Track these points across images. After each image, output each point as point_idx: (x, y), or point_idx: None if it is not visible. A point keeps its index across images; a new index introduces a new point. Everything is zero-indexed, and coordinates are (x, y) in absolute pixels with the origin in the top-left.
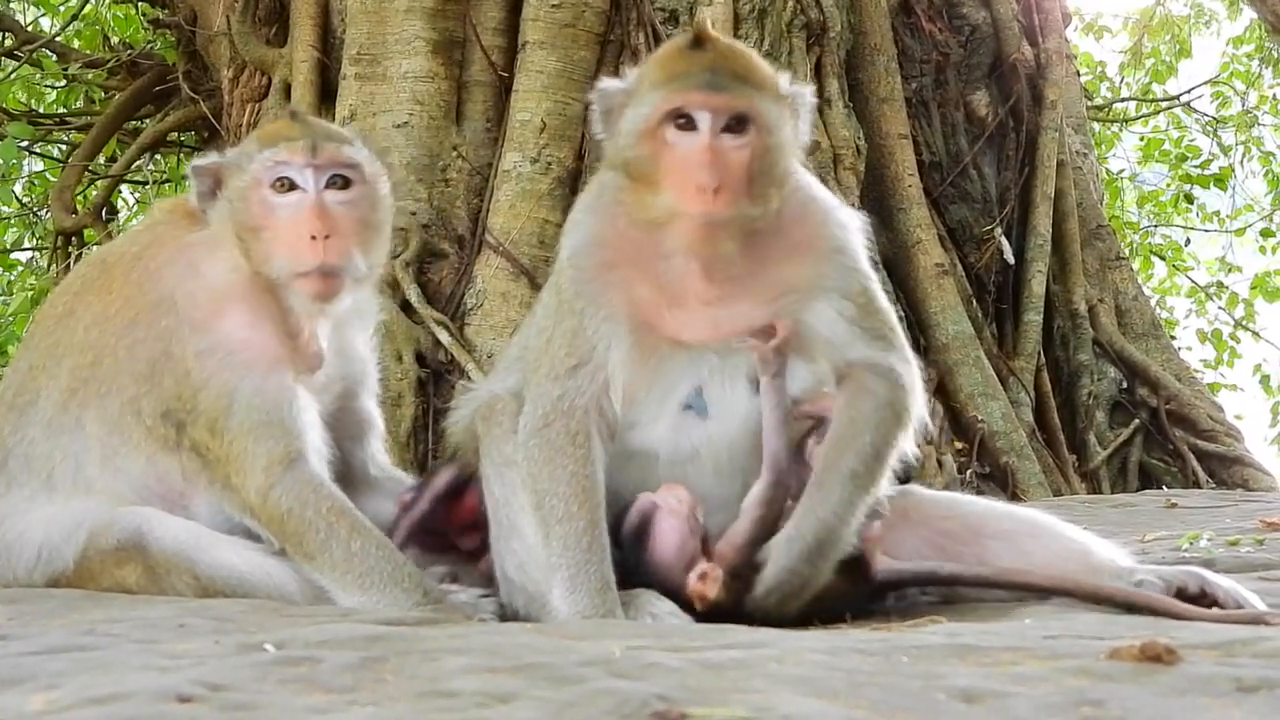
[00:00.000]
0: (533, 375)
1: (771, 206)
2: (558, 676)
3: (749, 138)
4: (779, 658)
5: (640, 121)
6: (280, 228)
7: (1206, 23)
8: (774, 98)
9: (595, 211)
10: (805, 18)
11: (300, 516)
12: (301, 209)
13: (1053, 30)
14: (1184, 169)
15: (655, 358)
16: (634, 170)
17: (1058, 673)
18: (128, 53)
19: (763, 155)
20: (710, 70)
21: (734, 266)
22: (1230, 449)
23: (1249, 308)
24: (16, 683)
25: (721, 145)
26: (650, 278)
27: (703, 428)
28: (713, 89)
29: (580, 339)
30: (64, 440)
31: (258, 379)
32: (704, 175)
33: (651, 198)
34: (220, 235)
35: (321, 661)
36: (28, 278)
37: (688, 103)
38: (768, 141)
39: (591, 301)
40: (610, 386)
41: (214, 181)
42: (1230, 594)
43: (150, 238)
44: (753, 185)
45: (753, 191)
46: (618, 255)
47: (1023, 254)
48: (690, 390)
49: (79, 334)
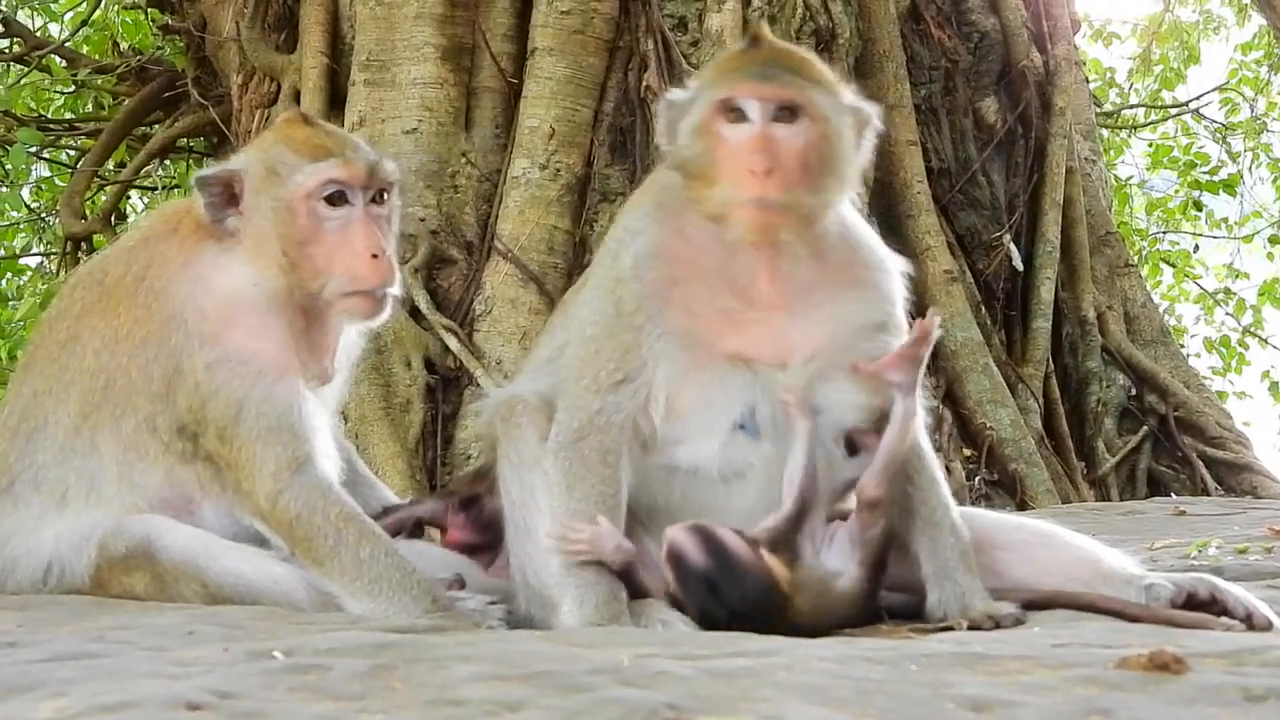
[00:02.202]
0: (571, 384)
1: (831, 201)
2: (566, 685)
3: (801, 127)
4: (788, 666)
5: (695, 118)
6: (332, 244)
7: (1215, 29)
8: (829, 95)
9: (657, 219)
10: (814, 24)
11: (309, 522)
12: (352, 225)
13: (1061, 37)
14: (1193, 175)
15: (709, 373)
16: (692, 168)
17: (1066, 682)
18: (137, 58)
19: (819, 144)
20: (761, 64)
21: (799, 273)
22: (1239, 456)
23: (1257, 314)
24: (26, 690)
25: (773, 133)
26: (715, 284)
27: (754, 449)
28: (762, 79)
29: (633, 355)
30: (77, 463)
31: (266, 386)
32: (756, 160)
33: (709, 192)
34: (248, 246)
35: (330, 669)
36: (37, 283)
37: (736, 93)
38: (823, 130)
39: (651, 318)
40: (652, 401)
41: (225, 191)
42: (1240, 601)
43: (149, 255)
44: (808, 174)
45: (808, 181)
46: (682, 266)
47: (1031, 261)
48: (744, 409)
49: (87, 359)
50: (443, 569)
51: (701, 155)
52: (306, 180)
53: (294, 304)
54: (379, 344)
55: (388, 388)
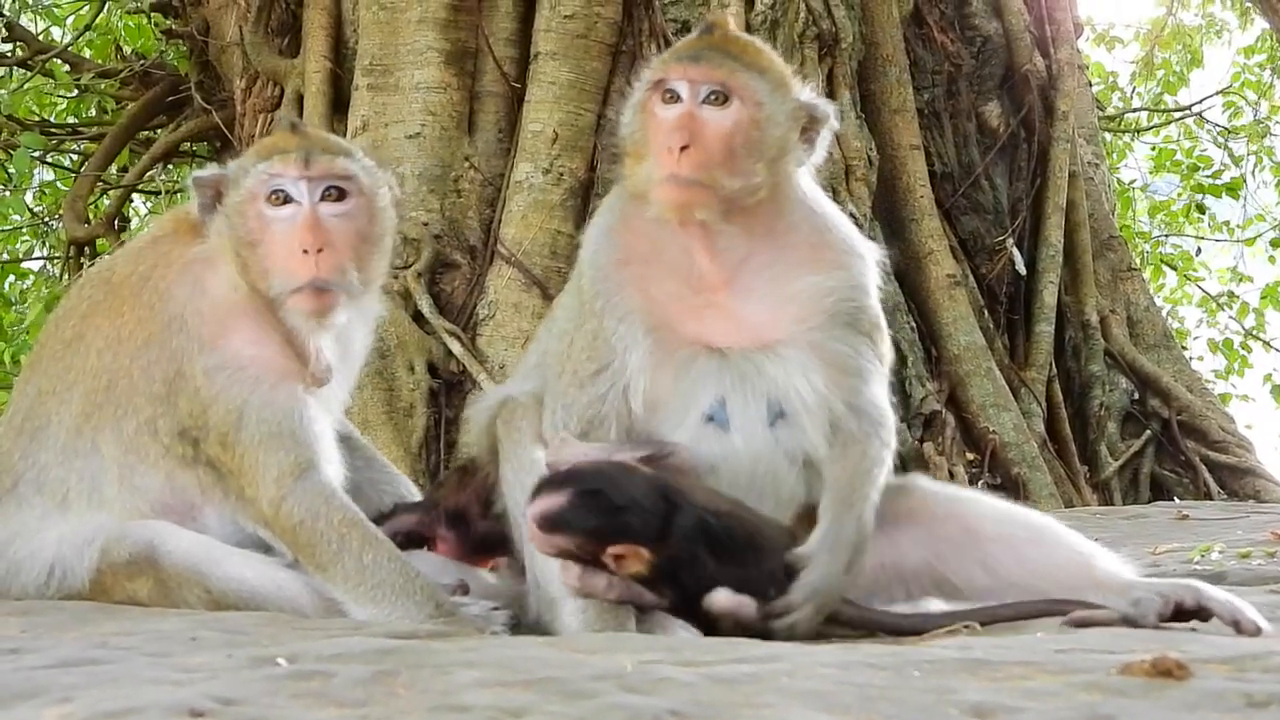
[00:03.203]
0: (555, 382)
1: (755, 185)
2: (570, 691)
3: (731, 111)
4: (790, 672)
5: (635, 97)
6: (274, 242)
7: (1218, 33)
8: (769, 84)
9: (611, 209)
10: (817, 29)
11: (312, 528)
12: (294, 222)
13: (1064, 41)
14: (1195, 179)
15: (676, 361)
16: (628, 147)
17: (1069, 688)
18: (140, 63)
19: (747, 129)
20: (703, 48)
21: (743, 253)
22: (1242, 460)
23: (1259, 317)
24: (30, 696)
25: (700, 113)
26: (661, 268)
27: (724, 441)
28: (695, 61)
29: (600, 341)
30: (79, 464)
31: (266, 392)
32: (674, 137)
33: (637, 169)
34: (219, 250)
35: (334, 675)
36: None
37: (669, 74)
38: (754, 116)
39: (609, 300)
40: (632, 391)
41: (215, 194)
42: (1226, 608)
43: (155, 255)
44: (731, 157)
45: (731, 164)
46: (632, 250)
47: (1034, 265)
48: (713, 400)
49: (91, 358)
50: (446, 574)
51: (636, 133)
52: (250, 181)
53: (269, 307)
54: (382, 348)
55: (391, 392)
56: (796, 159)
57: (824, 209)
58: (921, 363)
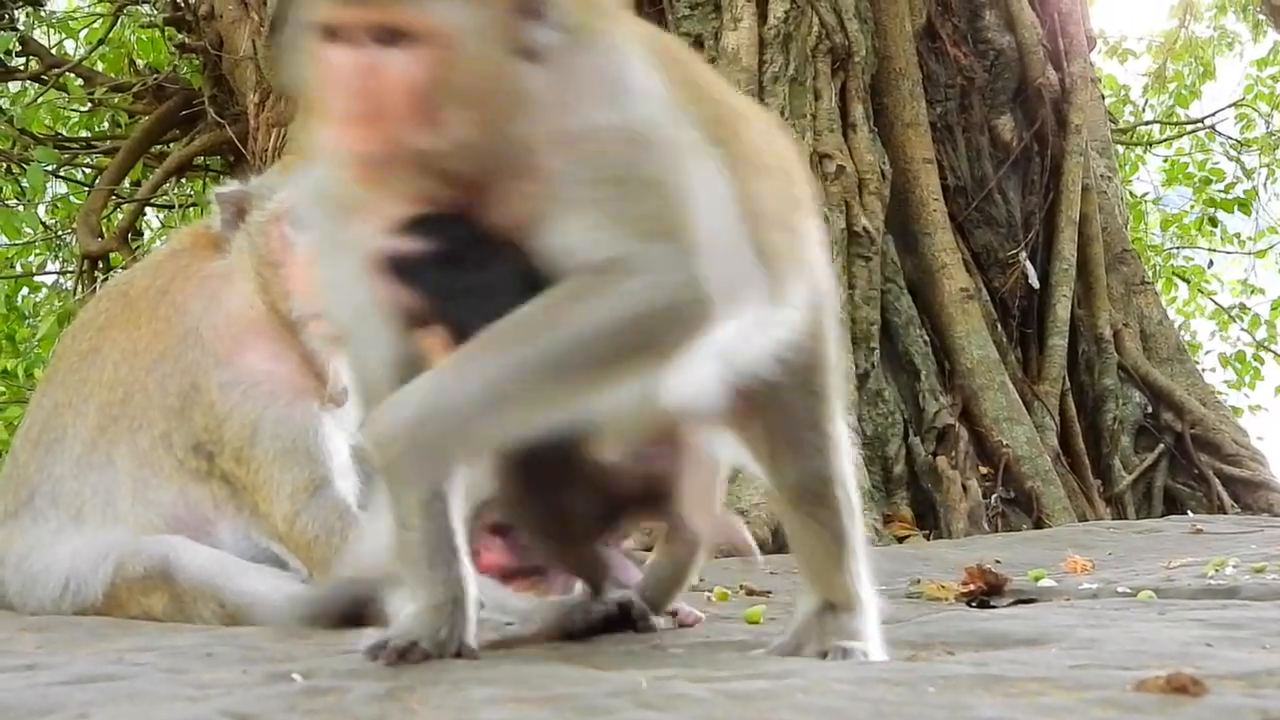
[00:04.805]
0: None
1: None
2: (585, 707)
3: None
4: (805, 688)
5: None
6: (298, 266)
7: (1230, 45)
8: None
9: None
10: (830, 42)
11: (327, 544)
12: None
13: (1077, 54)
14: (1208, 192)
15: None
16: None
17: (1084, 703)
18: (153, 77)
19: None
20: None
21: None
22: (1256, 473)
23: (1271, 329)
24: (46, 713)
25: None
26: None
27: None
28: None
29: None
30: (93, 477)
31: (282, 408)
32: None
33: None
34: (238, 266)
35: (349, 691)
36: (53, 300)
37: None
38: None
39: None
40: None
41: (237, 210)
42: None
43: (174, 269)
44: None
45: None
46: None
47: (1047, 278)
48: None
49: (107, 371)
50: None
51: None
52: (275, 202)
53: (287, 325)
54: None
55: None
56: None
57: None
58: (935, 376)
